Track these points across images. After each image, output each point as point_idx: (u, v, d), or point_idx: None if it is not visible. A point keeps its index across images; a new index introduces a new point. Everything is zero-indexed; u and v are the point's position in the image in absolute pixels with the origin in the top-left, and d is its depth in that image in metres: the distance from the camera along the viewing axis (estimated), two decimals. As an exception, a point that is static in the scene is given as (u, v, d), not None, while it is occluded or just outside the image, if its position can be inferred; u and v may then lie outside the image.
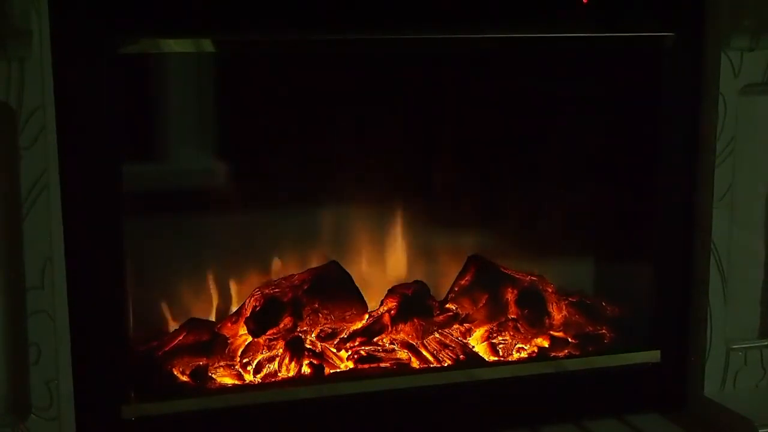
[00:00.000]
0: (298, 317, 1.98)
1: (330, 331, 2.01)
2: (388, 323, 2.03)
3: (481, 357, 2.04)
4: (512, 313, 2.10)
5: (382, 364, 1.98)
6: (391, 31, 1.85)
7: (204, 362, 1.90)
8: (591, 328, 2.13)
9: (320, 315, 2.01)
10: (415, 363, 2.01)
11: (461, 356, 2.01)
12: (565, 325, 2.12)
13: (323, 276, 2.04)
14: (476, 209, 2.21)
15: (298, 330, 1.98)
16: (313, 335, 2.00)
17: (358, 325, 2.03)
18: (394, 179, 2.15)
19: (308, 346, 1.97)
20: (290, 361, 1.93)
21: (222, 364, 1.93)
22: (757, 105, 2.03)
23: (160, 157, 2.05)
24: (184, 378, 1.89)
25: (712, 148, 2.00)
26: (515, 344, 2.08)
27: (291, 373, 1.92)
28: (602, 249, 2.24)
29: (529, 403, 2.03)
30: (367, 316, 2.05)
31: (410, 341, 2.03)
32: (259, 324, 1.97)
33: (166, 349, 1.91)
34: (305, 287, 2.01)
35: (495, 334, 2.08)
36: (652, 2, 1.99)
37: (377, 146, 2.14)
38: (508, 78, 2.15)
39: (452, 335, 2.06)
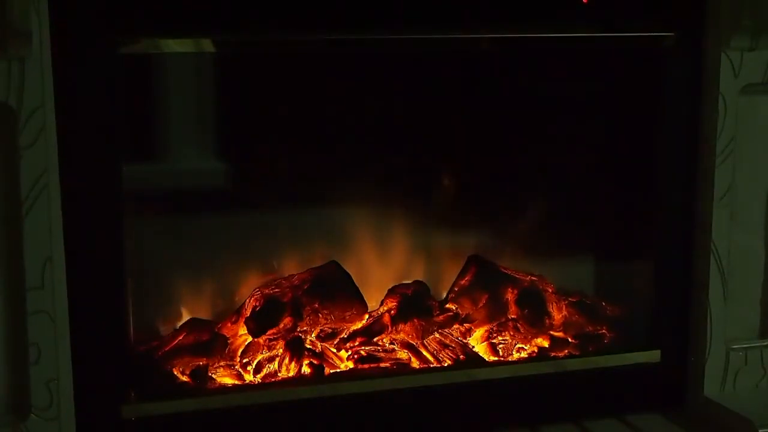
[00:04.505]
0: (298, 317, 1.98)
1: (330, 331, 2.01)
2: (388, 323, 2.03)
3: (481, 357, 2.05)
4: (512, 313, 2.10)
5: (382, 364, 1.98)
6: (391, 31, 1.85)
7: (204, 362, 1.90)
8: (591, 328, 2.14)
9: (320, 315, 2.01)
10: (415, 363, 2.01)
11: (461, 356, 2.01)
12: (565, 325, 2.12)
13: (323, 276, 2.04)
14: (476, 209, 2.21)
15: (298, 330, 1.98)
16: (313, 335, 2.00)
17: (358, 325, 2.03)
18: (394, 179, 2.15)
19: (308, 346, 1.97)
20: (290, 361, 1.93)
21: (222, 364, 1.93)
22: (757, 105, 2.04)
23: (161, 157, 2.05)
24: (184, 378, 1.89)
25: (712, 148, 2.00)
26: (515, 344, 2.08)
27: (291, 373, 1.92)
28: (602, 249, 2.24)
29: (529, 403, 2.03)
30: (367, 316, 2.05)
31: (410, 341, 2.03)
32: (259, 324, 1.97)
33: (166, 349, 1.91)
34: (305, 287, 2.01)
35: (495, 334, 2.08)
36: (652, 2, 1.99)
37: (377, 146, 2.14)
38: (508, 78, 2.15)
39: (452, 335, 2.06)
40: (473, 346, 2.07)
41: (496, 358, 2.05)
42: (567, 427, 2.02)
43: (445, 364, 2.00)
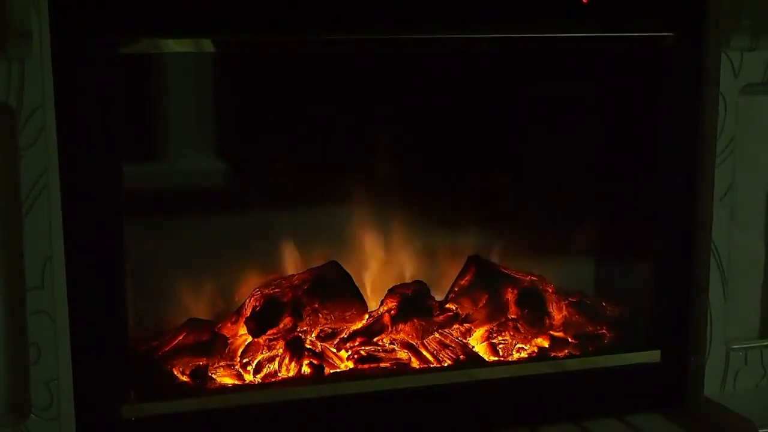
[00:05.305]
0: (298, 317, 1.98)
1: (330, 331, 2.01)
2: (388, 323, 2.03)
3: (481, 357, 2.04)
4: (512, 313, 2.10)
5: (382, 364, 1.98)
6: (391, 31, 1.85)
7: (204, 362, 1.90)
8: (591, 328, 2.14)
9: (320, 315, 2.01)
10: (415, 363, 2.01)
11: (461, 356, 2.01)
12: (565, 325, 2.12)
13: (323, 276, 2.04)
14: (476, 209, 2.21)
15: (298, 330, 1.98)
16: (313, 335, 2.00)
17: (358, 325, 2.03)
18: (394, 179, 2.15)
19: (308, 346, 1.97)
20: (290, 361, 1.93)
21: (222, 364, 1.93)
22: (757, 105, 2.03)
23: (160, 157, 2.05)
24: (184, 378, 1.89)
25: (712, 148, 2.00)
26: (515, 344, 2.08)
27: (291, 373, 1.92)
28: (602, 249, 2.24)
29: (529, 403, 2.03)
30: (367, 316, 2.05)
31: (410, 341, 2.03)
32: (259, 324, 1.97)
33: (166, 349, 1.91)
34: (305, 287, 2.01)
35: (495, 334, 2.08)
36: (652, 2, 1.99)
37: (377, 146, 2.14)
38: (508, 78, 2.15)
39: (452, 335, 2.06)
40: (473, 346, 2.07)
41: (496, 358, 2.05)
42: (567, 427, 2.02)
43: (445, 364, 2.00)
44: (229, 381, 1.91)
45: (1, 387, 1.74)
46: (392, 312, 2.03)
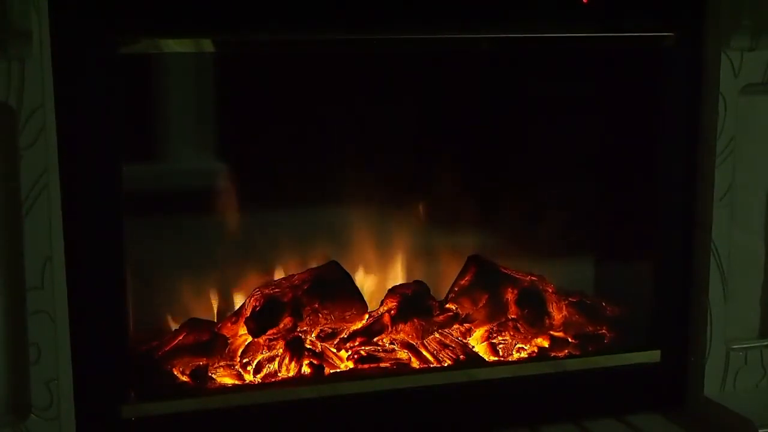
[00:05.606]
0: (298, 317, 1.98)
1: (330, 331, 2.01)
2: (388, 323, 2.03)
3: (481, 357, 2.04)
4: (512, 313, 2.10)
5: (382, 364, 1.98)
6: (392, 31, 1.85)
7: (204, 362, 1.90)
8: (591, 328, 2.14)
9: (320, 315, 2.01)
10: (415, 363, 2.01)
11: (461, 356, 2.01)
12: (565, 325, 2.12)
13: (323, 276, 2.04)
14: (476, 209, 2.21)
15: (298, 330, 1.98)
16: (313, 335, 2.00)
17: (358, 325, 2.03)
18: (394, 179, 2.15)
19: (308, 346, 1.97)
20: (290, 361, 1.93)
21: (222, 364, 1.93)
22: (757, 105, 2.04)
23: (161, 157, 2.05)
24: (184, 378, 1.89)
25: (712, 148, 2.00)
26: (515, 344, 2.08)
27: (291, 373, 1.92)
28: (602, 249, 2.24)
29: (529, 403, 2.03)
30: (367, 316, 2.05)
31: (410, 341, 2.03)
32: (259, 324, 1.97)
33: (166, 349, 1.91)
34: (305, 287, 2.01)
35: (495, 334, 2.08)
36: (652, 2, 1.99)
37: (377, 146, 2.14)
38: (508, 78, 2.15)
39: (452, 335, 2.06)
40: (473, 346, 2.07)
41: (496, 358, 2.05)
42: (567, 427, 2.02)
43: (445, 364, 2.00)
44: (229, 381, 1.91)
45: (1, 387, 1.74)
46: (392, 312, 2.03)
